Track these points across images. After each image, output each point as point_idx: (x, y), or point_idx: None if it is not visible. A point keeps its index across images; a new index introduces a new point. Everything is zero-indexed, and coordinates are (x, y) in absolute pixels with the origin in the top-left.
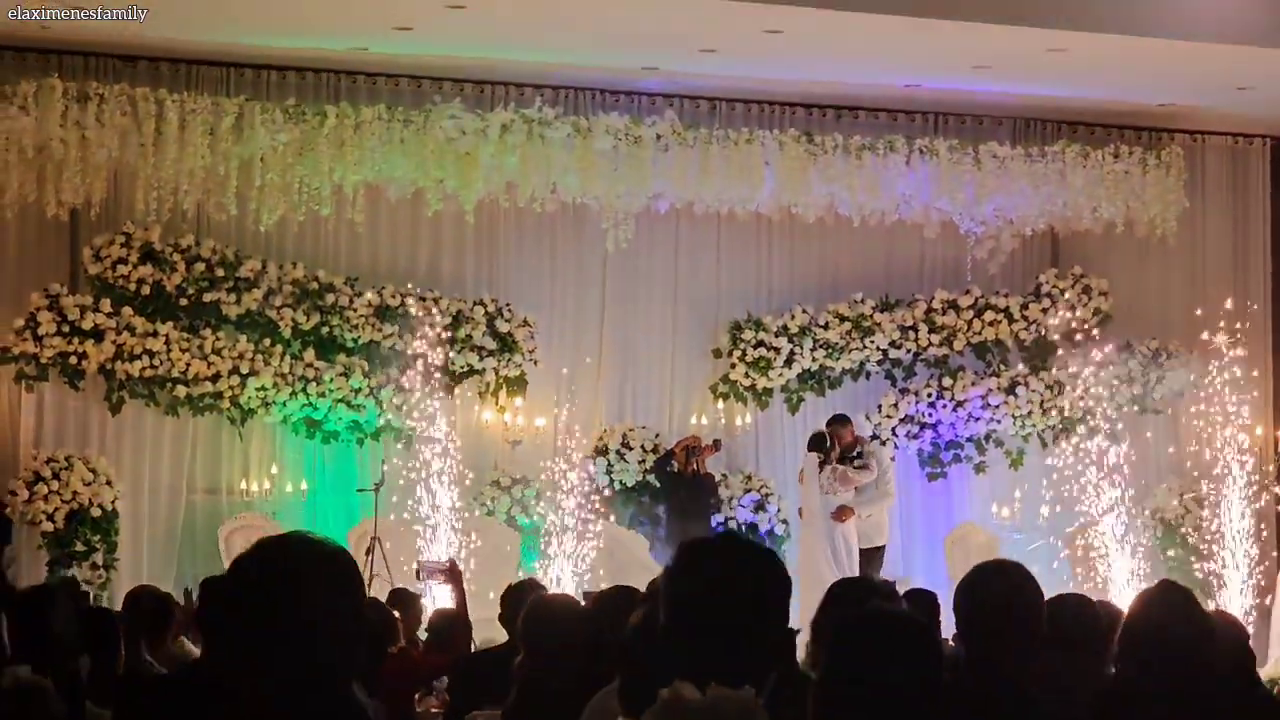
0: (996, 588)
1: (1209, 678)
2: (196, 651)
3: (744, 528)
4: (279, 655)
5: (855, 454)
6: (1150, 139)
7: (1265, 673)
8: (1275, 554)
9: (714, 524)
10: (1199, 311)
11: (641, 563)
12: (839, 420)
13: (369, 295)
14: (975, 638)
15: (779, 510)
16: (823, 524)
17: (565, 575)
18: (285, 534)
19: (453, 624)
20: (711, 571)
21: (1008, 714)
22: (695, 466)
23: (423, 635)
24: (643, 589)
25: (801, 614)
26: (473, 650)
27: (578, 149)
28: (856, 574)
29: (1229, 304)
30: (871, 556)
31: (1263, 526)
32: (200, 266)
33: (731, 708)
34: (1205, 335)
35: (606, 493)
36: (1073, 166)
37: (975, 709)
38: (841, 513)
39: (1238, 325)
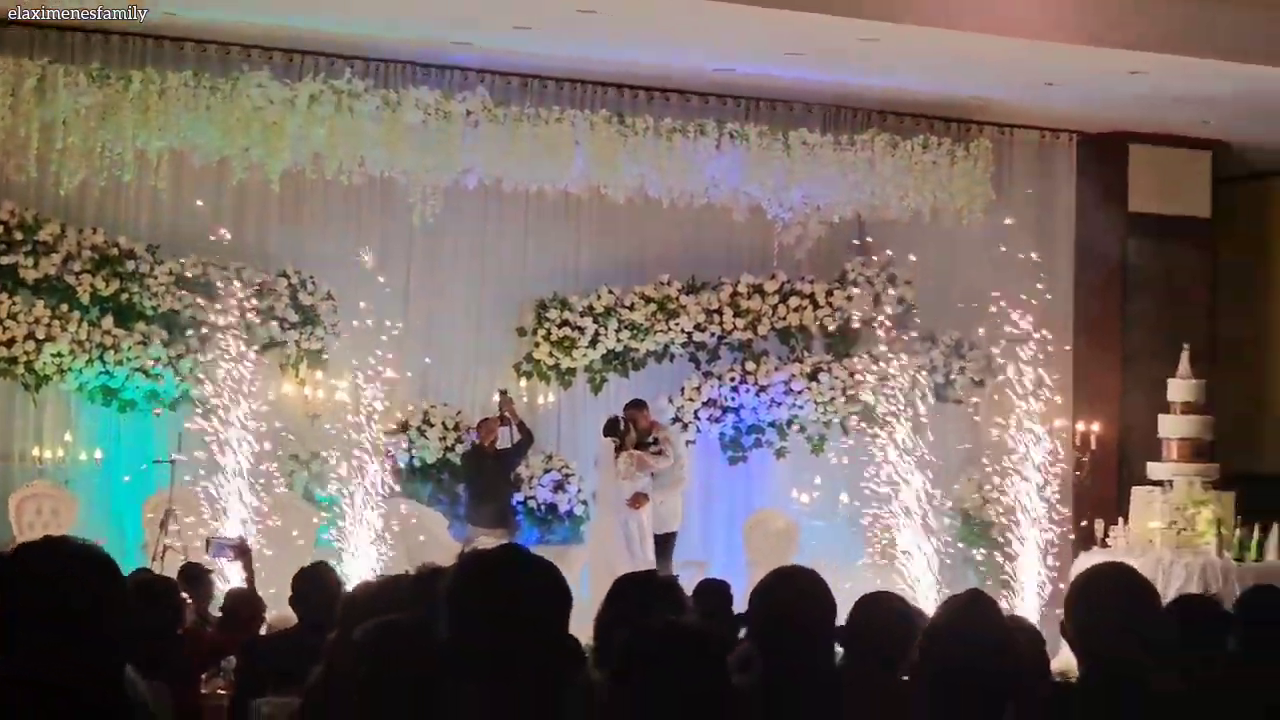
0: (786, 596)
1: (1006, 688)
2: None
3: (543, 507)
4: (45, 650)
5: (651, 440)
6: (959, 131)
7: (1057, 665)
8: (1070, 547)
9: (514, 501)
10: (1002, 304)
11: (440, 541)
12: (635, 405)
13: (170, 264)
14: (768, 646)
15: (579, 490)
16: (616, 511)
17: (362, 552)
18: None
19: (243, 604)
20: (494, 584)
21: None
22: (493, 439)
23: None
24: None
25: (593, 603)
26: (264, 630)
27: (386, 122)
28: (652, 560)
29: (1033, 299)
30: (665, 542)
31: (1057, 524)
32: None
33: None
34: (1007, 328)
35: (405, 470)
36: (881, 155)
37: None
38: (636, 499)
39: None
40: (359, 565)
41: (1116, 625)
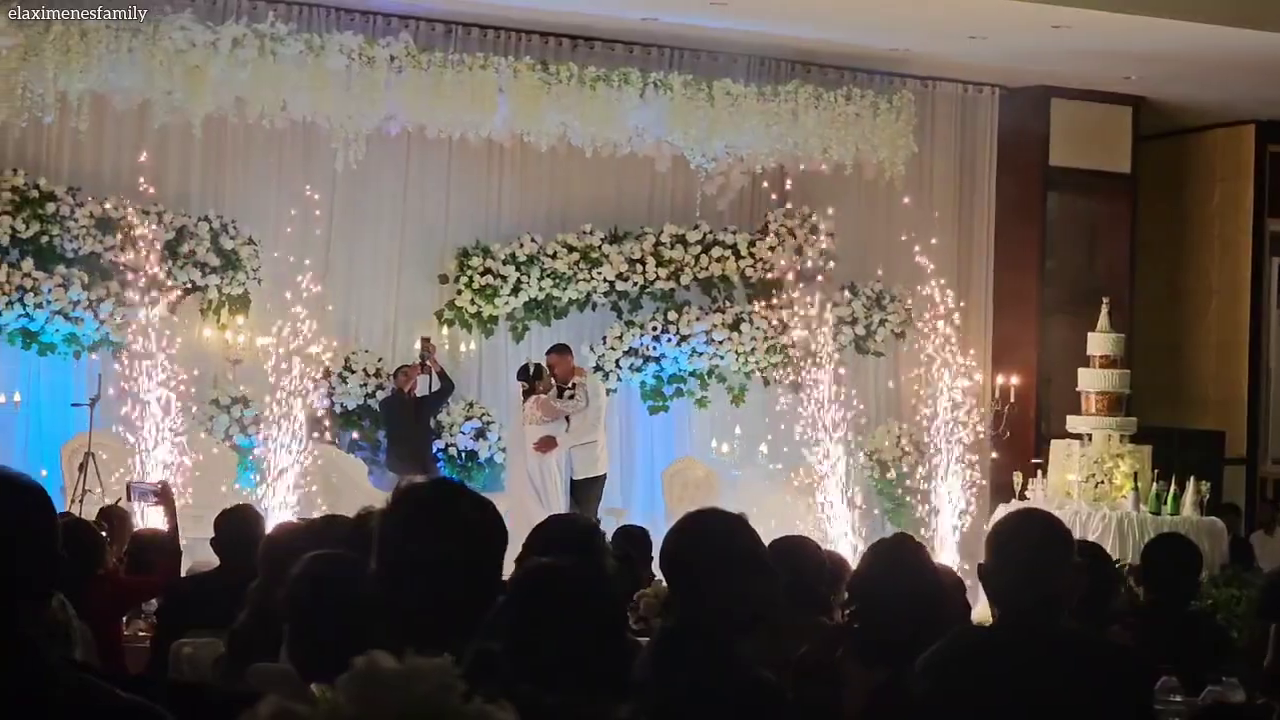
0: (700, 537)
1: (935, 629)
2: None
3: (463, 455)
4: None
5: (569, 385)
6: (882, 83)
7: (976, 616)
8: (987, 499)
9: (434, 449)
10: (922, 256)
11: (360, 487)
12: (558, 349)
13: (91, 206)
14: (679, 594)
15: (499, 439)
16: (521, 456)
17: (281, 498)
18: None
19: (161, 546)
20: (429, 520)
21: (715, 680)
22: (413, 386)
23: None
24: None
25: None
26: (182, 574)
27: (310, 67)
28: (563, 505)
29: (953, 252)
30: (589, 486)
31: (976, 476)
32: None
33: (427, 678)
34: (928, 279)
35: (326, 416)
36: (805, 107)
37: (681, 673)
38: (544, 444)
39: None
40: (279, 511)
41: (1029, 572)
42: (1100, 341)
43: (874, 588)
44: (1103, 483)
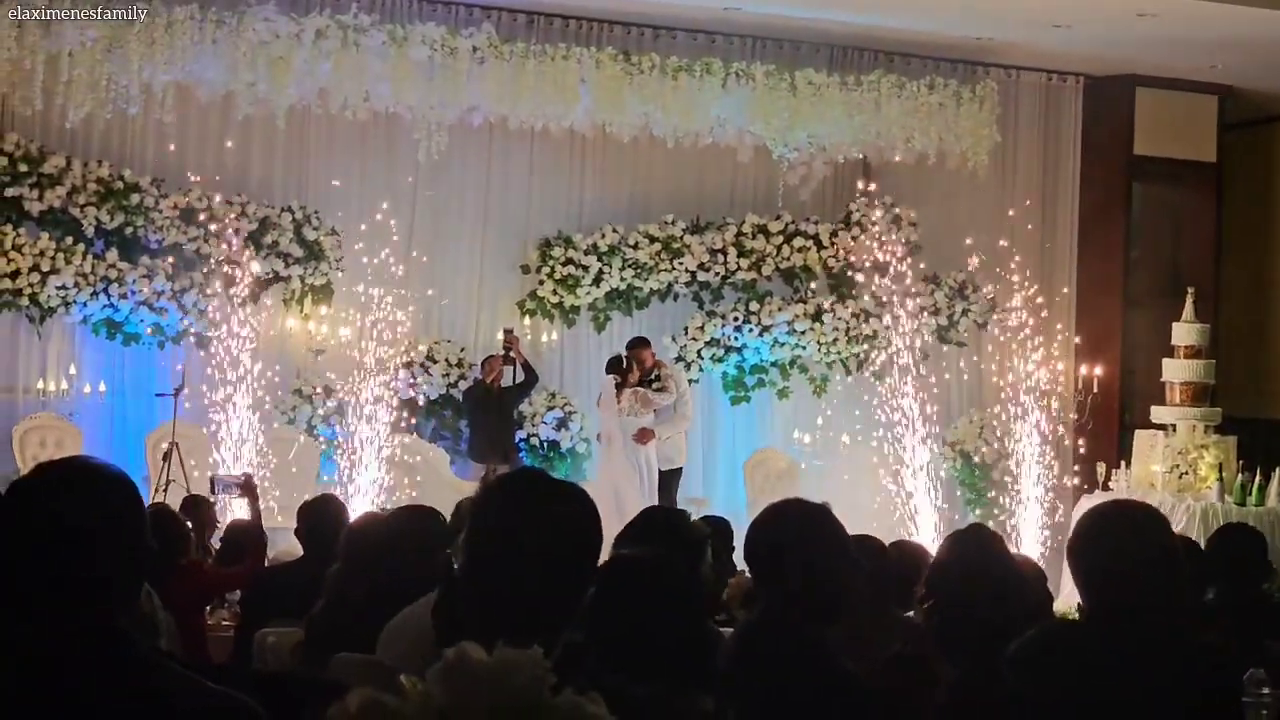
0: (786, 530)
1: (1015, 620)
2: None
3: (546, 445)
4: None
5: (654, 376)
6: (965, 72)
7: (1059, 608)
8: (1071, 490)
9: (517, 439)
10: (1006, 245)
11: (442, 477)
12: (638, 342)
13: (175, 197)
14: (765, 584)
15: (581, 429)
16: (623, 447)
17: (365, 488)
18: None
19: (246, 536)
20: (518, 511)
21: (800, 674)
22: (496, 377)
23: (217, 545)
24: (442, 506)
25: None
26: (266, 564)
27: (392, 58)
28: (655, 497)
29: (1037, 242)
30: (670, 478)
31: (1059, 467)
32: (3, 161)
33: (518, 670)
34: (1011, 270)
35: (408, 406)
36: (888, 97)
37: (766, 665)
38: (642, 435)
39: (1041, 276)
40: (361, 500)
41: (1122, 564)
42: (1185, 332)
43: (951, 578)
44: (1187, 474)
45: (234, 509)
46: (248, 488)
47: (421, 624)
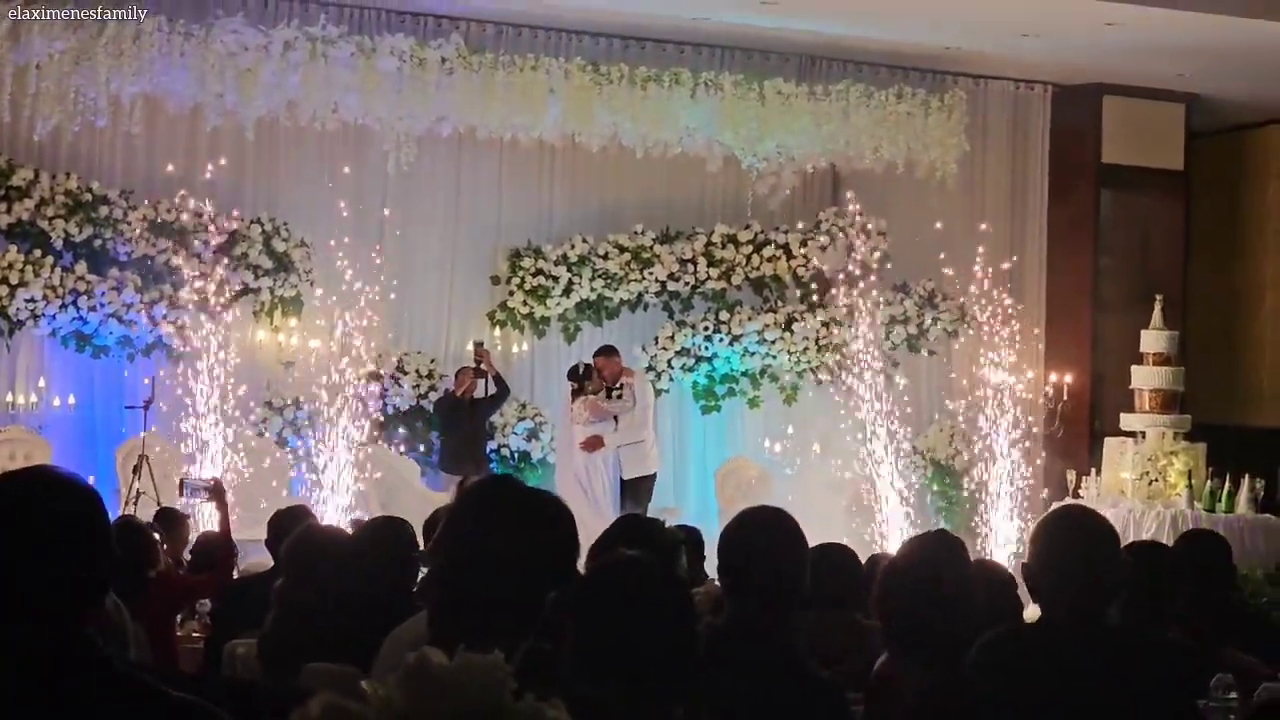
0: (757, 536)
1: (975, 626)
2: None
3: (516, 455)
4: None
5: (618, 386)
6: (934, 82)
7: (1029, 615)
8: (1043, 498)
9: (487, 450)
10: (976, 253)
11: (413, 489)
12: (605, 351)
13: (144, 209)
14: (736, 589)
15: (552, 439)
16: (570, 456)
17: (335, 499)
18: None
19: (216, 546)
20: (487, 516)
21: (771, 678)
22: (468, 389)
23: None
24: (413, 517)
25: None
26: (236, 574)
27: (361, 69)
28: (612, 505)
29: (1006, 250)
30: (640, 485)
31: (1029, 474)
32: None
33: (478, 676)
34: (980, 278)
35: (379, 417)
36: (856, 106)
37: (736, 671)
38: (590, 443)
39: (1010, 284)
40: (331, 512)
41: (1071, 567)
42: (1153, 339)
43: (906, 582)
44: (1156, 480)
45: (204, 516)
46: (216, 492)
47: (419, 636)
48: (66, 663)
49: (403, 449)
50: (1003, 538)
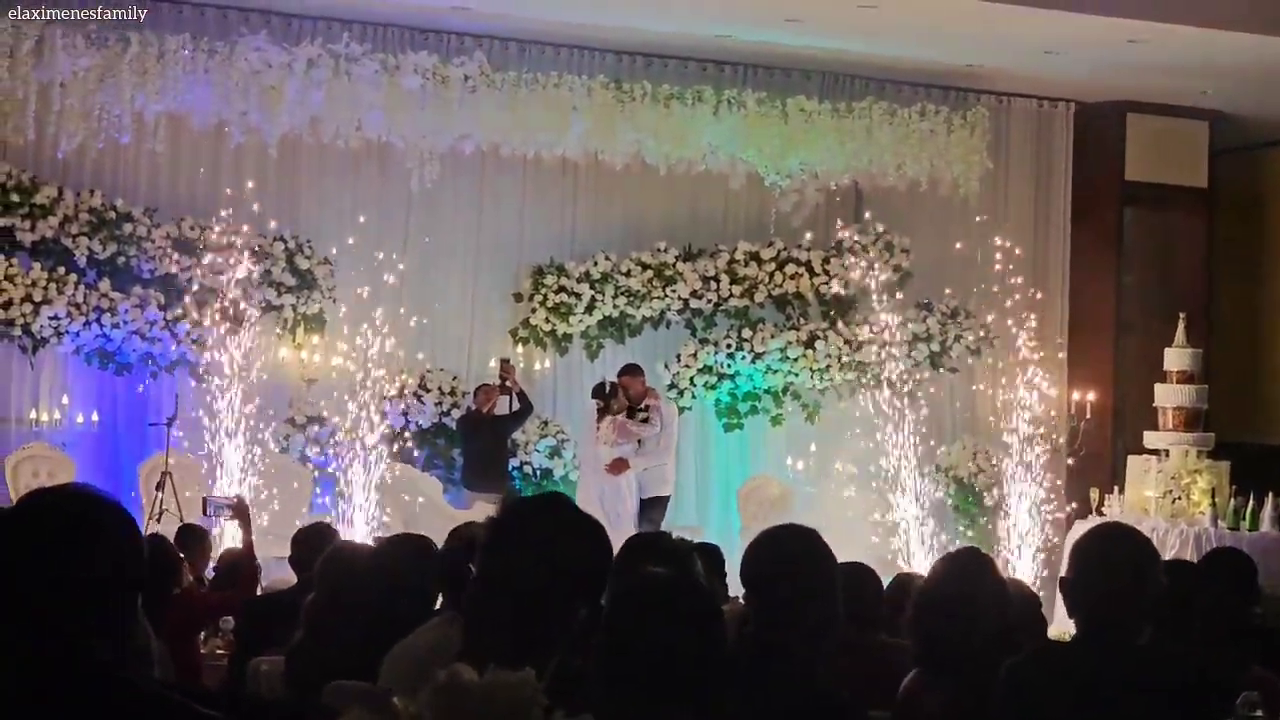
0: (778, 552)
1: (1004, 644)
2: None
3: (538, 473)
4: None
5: (643, 407)
6: (956, 99)
7: (1053, 633)
8: (1065, 515)
9: (509, 467)
10: (998, 271)
11: (435, 505)
12: (630, 370)
13: (167, 227)
14: (761, 608)
15: (574, 456)
16: (595, 474)
17: (357, 516)
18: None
19: (239, 564)
20: (522, 534)
21: (793, 696)
22: (491, 406)
23: (211, 575)
24: (435, 534)
25: None
26: (260, 591)
27: (384, 87)
28: (633, 526)
29: (1029, 268)
30: (653, 506)
31: (1052, 492)
32: None
33: (508, 692)
34: (1002, 295)
35: (402, 434)
36: (879, 124)
37: (759, 688)
38: (615, 465)
39: (1033, 302)
40: (354, 529)
41: (1111, 586)
42: (1177, 357)
43: (940, 600)
44: (1180, 499)
45: (227, 534)
46: (240, 510)
47: (421, 651)
48: (94, 683)
49: (427, 466)
50: (1025, 556)
